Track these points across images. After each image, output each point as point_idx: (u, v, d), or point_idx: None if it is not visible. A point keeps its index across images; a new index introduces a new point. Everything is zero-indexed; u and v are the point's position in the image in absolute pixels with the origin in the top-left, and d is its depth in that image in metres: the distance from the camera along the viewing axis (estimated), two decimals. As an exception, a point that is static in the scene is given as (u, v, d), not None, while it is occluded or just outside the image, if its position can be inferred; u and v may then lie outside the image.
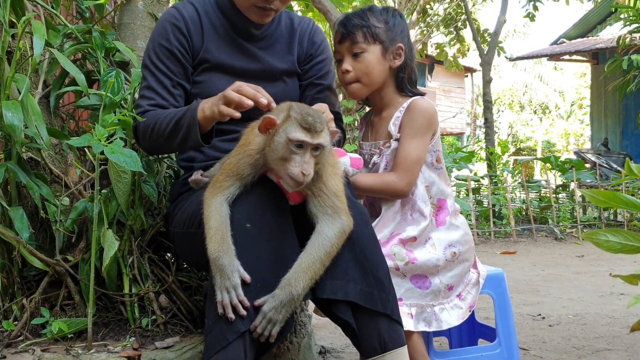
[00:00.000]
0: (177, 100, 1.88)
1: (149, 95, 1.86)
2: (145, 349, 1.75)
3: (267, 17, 1.89)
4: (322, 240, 1.50)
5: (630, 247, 0.98)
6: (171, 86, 1.87)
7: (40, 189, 1.86)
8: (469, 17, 9.95)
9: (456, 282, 1.95)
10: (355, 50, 1.94)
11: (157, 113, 1.81)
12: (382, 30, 1.94)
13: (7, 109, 1.68)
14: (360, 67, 1.94)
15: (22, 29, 1.80)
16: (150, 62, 1.88)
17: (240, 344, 1.44)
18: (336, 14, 5.92)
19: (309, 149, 1.46)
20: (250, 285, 1.47)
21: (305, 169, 1.45)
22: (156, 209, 2.12)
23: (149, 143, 1.84)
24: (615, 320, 3.29)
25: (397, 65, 1.97)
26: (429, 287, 1.89)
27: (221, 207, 1.54)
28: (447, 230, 1.96)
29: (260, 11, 1.85)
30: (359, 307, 1.54)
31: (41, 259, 1.84)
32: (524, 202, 8.06)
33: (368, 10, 1.97)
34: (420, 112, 1.92)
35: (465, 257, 1.97)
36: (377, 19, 1.95)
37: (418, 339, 1.86)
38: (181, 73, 1.88)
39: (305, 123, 1.46)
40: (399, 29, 1.97)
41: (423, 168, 1.95)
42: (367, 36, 1.92)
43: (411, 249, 1.89)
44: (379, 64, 1.94)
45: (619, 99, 8.54)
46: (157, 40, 1.88)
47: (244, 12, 1.89)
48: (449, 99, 24.74)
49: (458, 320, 1.91)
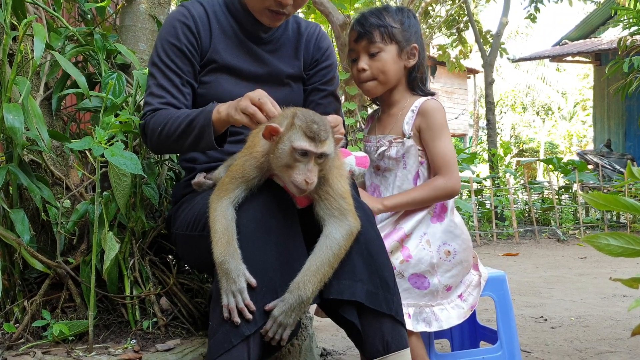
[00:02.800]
0: (187, 99, 1.86)
1: (158, 93, 1.84)
2: (146, 352, 1.75)
3: (279, 21, 1.89)
4: (330, 242, 1.50)
5: (632, 251, 0.97)
6: (181, 84, 1.85)
7: (42, 191, 1.86)
8: (471, 19, 9.96)
9: (455, 282, 1.95)
10: (372, 50, 1.97)
11: (169, 112, 1.78)
12: (399, 31, 1.97)
13: (8, 111, 1.69)
14: (377, 65, 1.97)
15: (23, 32, 1.80)
16: (159, 60, 1.86)
17: (244, 347, 1.44)
18: (338, 15, 5.93)
19: (312, 157, 1.45)
20: (257, 289, 1.47)
21: (308, 177, 1.44)
22: (157, 211, 2.12)
23: (157, 142, 1.80)
24: (617, 322, 3.28)
25: (411, 65, 2.01)
26: (428, 287, 1.89)
27: (227, 210, 1.53)
28: (443, 227, 1.96)
29: (272, 15, 1.85)
30: (364, 308, 1.53)
31: (42, 261, 1.84)
32: (526, 204, 8.05)
33: (384, 10, 2.00)
34: (437, 112, 1.98)
35: (462, 258, 1.96)
36: (394, 19, 1.98)
37: (417, 341, 1.86)
38: (190, 72, 1.87)
39: (309, 132, 1.44)
40: (413, 29, 2.00)
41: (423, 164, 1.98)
42: (385, 36, 1.96)
43: (406, 246, 1.90)
44: (395, 64, 1.98)
45: (621, 101, 8.52)
46: (167, 38, 1.86)
47: (256, 15, 1.88)
48: (451, 100, 24.72)
49: (459, 319, 1.91)
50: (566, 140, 28.32)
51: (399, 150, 1.98)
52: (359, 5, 6.08)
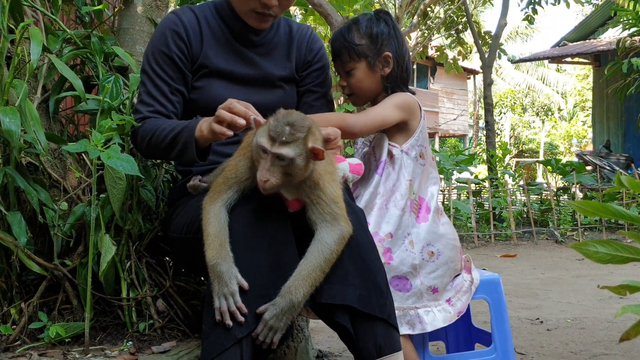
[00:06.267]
0: (175, 107, 1.89)
1: (147, 101, 1.87)
2: (142, 353, 1.76)
3: (266, 23, 1.90)
4: (322, 247, 1.51)
5: (620, 258, 0.98)
6: (169, 92, 1.88)
7: (39, 193, 1.87)
8: (470, 20, 9.96)
9: (441, 283, 1.94)
10: (346, 69, 2.03)
11: (156, 122, 1.81)
12: (365, 46, 1.99)
13: (5, 114, 1.69)
14: (353, 82, 2.03)
15: (20, 35, 1.81)
16: (149, 68, 1.89)
17: (237, 350, 1.45)
18: (337, 17, 5.94)
19: (269, 156, 1.46)
20: (248, 292, 1.48)
21: (263, 175, 1.46)
22: (154, 214, 2.13)
23: (146, 149, 1.85)
24: (613, 324, 3.29)
25: (387, 72, 2.02)
26: (410, 289, 1.90)
27: (220, 213, 1.55)
28: (427, 227, 1.95)
29: (259, 17, 1.86)
30: (357, 312, 1.54)
31: (39, 263, 1.85)
32: (524, 205, 8.06)
33: (354, 24, 2.03)
34: (397, 94, 2.01)
35: (447, 258, 1.95)
36: (360, 34, 2.00)
37: (406, 343, 1.86)
38: (180, 79, 1.89)
39: (272, 131, 1.45)
40: (383, 37, 2.00)
41: (407, 162, 1.97)
42: (352, 54, 2.00)
43: (389, 247, 1.90)
44: (368, 77, 2.02)
45: (620, 102, 8.53)
46: (157, 46, 1.89)
47: (243, 18, 1.90)
48: (451, 101, 24.74)
49: (444, 323, 1.91)
50: (566, 141, 28.34)
51: (372, 142, 2.02)
52: (358, 6, 6.08)
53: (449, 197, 7.54)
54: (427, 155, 2.03)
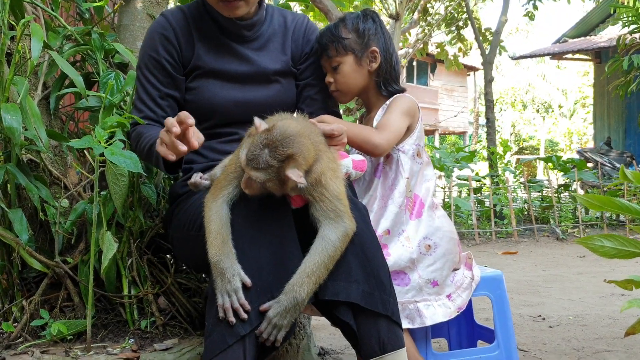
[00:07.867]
0: (166, 111, 1.88)
1: (139, 107, 1.89)
2: (144, 351, 1.75)
3: (237, 9, 1.84)
4: (326, 244, 1.50)
5: (626, 252, 0.98)
6: (159, 97, 1.88)
7: (40, 190, 1.87)
8: (470, 16, 9.94)
9: (440, 276, 1.94)
10: (333, 64, 2.01)
11: (143, 131, 1.82)
12: (352, 40, 1.99)
13: (6, 111, 1.69)
14: (339, 77, 2.01)
15: (21, 31, 1.80)
16: (140, 74, 1.90)
17: (240, 347, 1.44)
18: (337, 13, 5.92)
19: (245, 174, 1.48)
20: (251, 289, 1.47)
21: (243, 184, 1.49)
22: (155, 211, 2.13)
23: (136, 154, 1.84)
24: (615, 321, 3.29)
25: (374, 68, 2.01)
26: (409, 283, 1.90)
27: (222, 210, 1.54)
28: (422, 222, 1.96)
29: (226, 5, 1.82)
30: (360, 309, 1.53)
31: (41, 260, 1.84)
32: (525, 202, 8.05)
33: (341, 21, 2.03)
34: (401, 99, 2.01)
35: (445, 250, 1.96)
36: (347, 29, 2.00)
37: (405, 338, 1.85)
38: (170, 83, 1.88)
39: (249, 153, 1.45)
40: (370, 33, 2.00)
41: (405, 160, 1.97)
42: (339, 48, 1.98)
43: (386, 243, 1.91)
44: (355, 72, 2.01)
45: (621, 99, 8.51)
46: (146, 51, 1.89)
47: (216, 9, 1.86)
48: (451, 98, 24.72)
49: (444, 317, 1.91)
50: (566, 138, 28.34)
51: None
52: (358, 3, 6.07)
53: (450, 195, 7.53)
54: (423, 152, 2.04)
